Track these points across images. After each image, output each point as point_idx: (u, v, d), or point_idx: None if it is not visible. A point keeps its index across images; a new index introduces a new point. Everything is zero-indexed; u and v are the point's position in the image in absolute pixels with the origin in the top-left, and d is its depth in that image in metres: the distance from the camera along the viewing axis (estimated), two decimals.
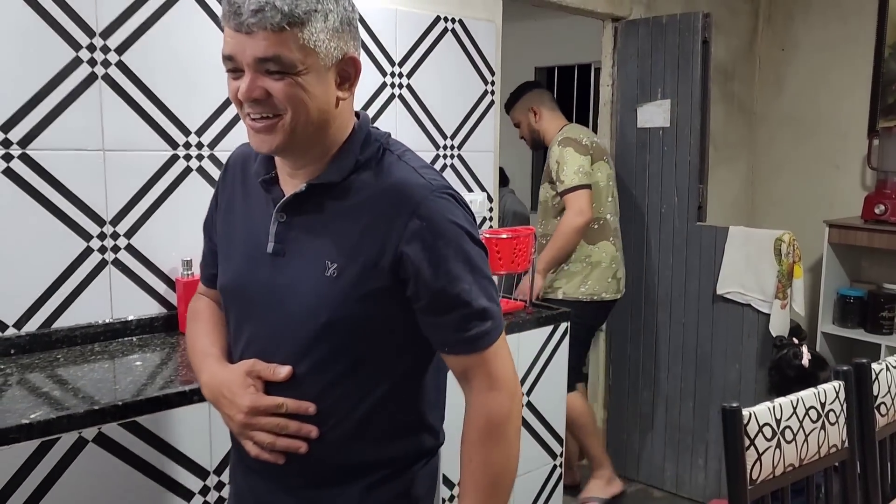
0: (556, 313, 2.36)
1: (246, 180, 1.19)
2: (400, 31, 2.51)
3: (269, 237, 1.10)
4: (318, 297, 1.06)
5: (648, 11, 3.35)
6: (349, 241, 1.06)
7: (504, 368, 1.12)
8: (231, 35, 1.01)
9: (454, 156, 2.73)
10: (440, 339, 1.10)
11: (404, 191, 1.06)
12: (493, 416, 1.09)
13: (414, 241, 1.04)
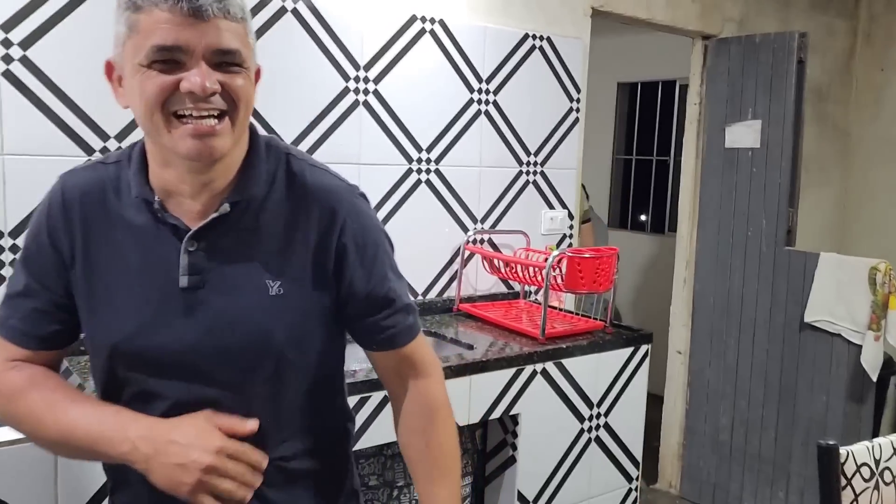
0: (637, 335, 2.33)
1: (102, 216, 0.99)
2: (488, 48, 2.54)
3: (182, 270, 0.96)
4: (269, 318, 0.99)
5: (741, 30, 3.27)
6: (287, 254, 1.01)
7: (430, 354, 1.14)
8: (173, 21, 0.87)
9: (537, 172, 2.73)
10: (370, 339, 1.09)
11: (330, 195, 1.03)
12: (431, 400, 1.11)
13: (347, 244, 1.03)
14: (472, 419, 1.96)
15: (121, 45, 0.92)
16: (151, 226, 0.97)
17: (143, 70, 0.89)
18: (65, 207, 0.99)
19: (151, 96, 0.89)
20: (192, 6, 0.87)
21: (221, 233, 0.98)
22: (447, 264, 2.55)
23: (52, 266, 0.99)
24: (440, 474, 1.08)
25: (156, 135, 0.92)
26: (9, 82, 1.73)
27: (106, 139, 1.87)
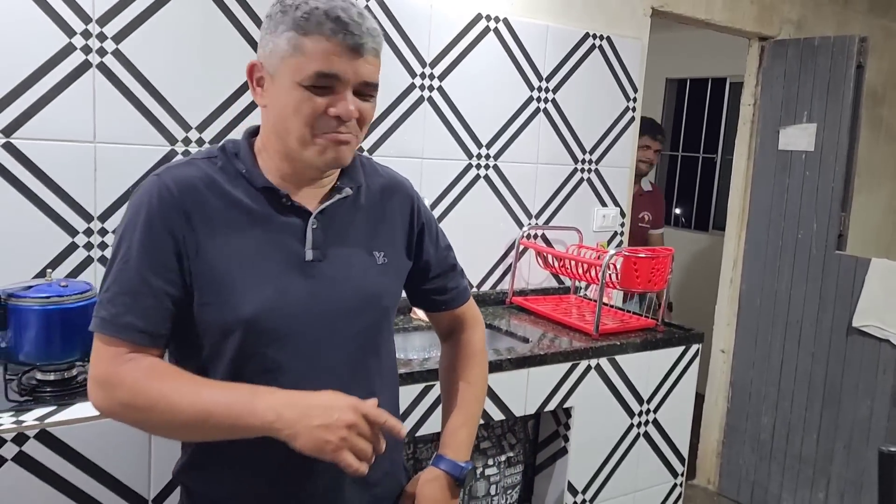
0: (688, 334, 2.37)
1: (219, 205, 1.07)
2: (549, 47, 2.58)
3: (307, 244, 1.10)
4: (377, 284, 1.18)
5: (799, 32, 3.27)
6: (381, 231, 1.21)
7: (476, 311, 1.40)
8: (335, 53, 1.01)
9: (591, 170, 2.78)
10: (434, 301, 1.34)
11: (402, 184, 1.28)
12: (471, 347, 1.35)
13: (422, 218, 1.28)
14: (529, 410, 2.03)
15: (276, 57, 1.04)
16: (270, 210, 1.10)
17: (301, 89, 1.03)
18: (176, 200, 1.04)
19: (306, 115, 1.04)
20: (355, 42, 1.02)
21: (335, 214, 1.15)
22: (501, 258, 2.61)
23: (169, 259, 1.04)
24: (461, 405, 1.30)
25: (297, 144, 1.07)
26: (102, 74, 1.83)
27: (188, 129, 1.96)
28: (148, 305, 1.03)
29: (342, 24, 1.01)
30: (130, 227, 1.05)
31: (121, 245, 1.05)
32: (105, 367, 1.03)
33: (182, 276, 1.05)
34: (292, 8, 1.03)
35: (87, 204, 1.85)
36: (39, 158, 1.78)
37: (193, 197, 1.06)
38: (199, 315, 1.06)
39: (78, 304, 1.49)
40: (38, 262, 1.81)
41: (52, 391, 1.48)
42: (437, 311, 1.36)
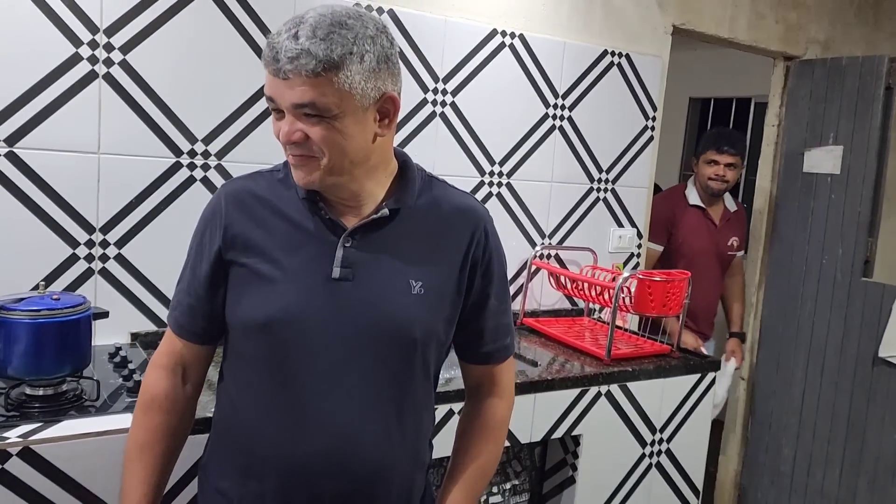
0: (704, 362, 2.29)
1: (266, 213, 1.14)
2: (566, 63, 2.53)
3: (336, 262, 1.10)
4: (408, 314, 1.12)
5: (825, 52, 3.19)
6: (428, 259, 1.15)
7: (512, 379, 1.32)
8: (271, 78, 1.03)
9: (608, 189, 2.71)
10: (472, 350, 1.26)
11: (472, 215, 1.20)
12: (496, 420, 1.27)
13: (480, 253, 1.19)
14: (535, 437, 1.96)
15: None
16: (311, 223, 1.12)
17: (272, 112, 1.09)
18: (223, 211, 1.15)
19: (274, 134, 1.09)
20: (276, 68, 1.01)
21: (374, 234, 1.13)
22: (513, 278, 2.55)
23: (209, 264, 1.15)
24: (465, 478, 1.23)
25: None
26: (108, 85, 1.81)
27: (194, 141, 1.93)
28: (188, 304, 1.18)
29: (272, 52, 1.02)
30: (195, 235, 1.20)
31: (189, 250, 1.21)
32: (154, 357, 1.23)
33: (215, 279, 1.16)
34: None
35: (90, 215, 1.83)
36: (42, 168, 1.76)
37: (240, 207, 1.14)
38: (227, 316, 1.16)
39: (70, 318, 1.45)
40: (39, 273, 1.79)
41: (40, 407, 1.45)
42: (470, 362, 1.29)
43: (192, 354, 1.21)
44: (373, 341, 1.11)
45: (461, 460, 1.26)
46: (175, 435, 1.22)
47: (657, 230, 2.98)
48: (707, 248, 3.06)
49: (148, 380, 1.21)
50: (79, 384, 1.56)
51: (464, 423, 1.30)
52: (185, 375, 1.22)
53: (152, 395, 1.19)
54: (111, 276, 1.88)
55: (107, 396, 1.53)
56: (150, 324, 1.94)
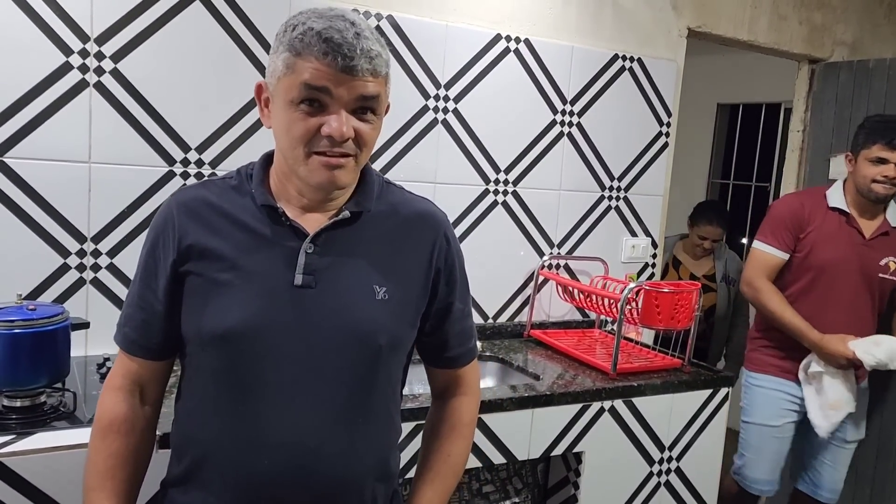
0: (717, 377, 2.19)
1: (219, 221, 1.09)
2: (575, 68, 2.46)
3: (298, 269, 1.07)
4: (372, 320, 1.09)
5: (853, 54, 3.06)
6: (391, 265, 1.13)
7: (477, 376, 1.31)
8: (327, 72, 0.98)
9: (620, 198, 2.63)
10: (437, 355, 1.24)
11: (432, 220, 1.19)
12: (461, 416, 1.26)
13: (442, 260, 1.18)
14: (533, 454, 1.89)
15: (275, 78, 1.03)
16: (269, 229, 1.08)
17: (293, 107, 1.00)
18: (175, 220, 1.09)
19: (297, 136, 1.01)
20: (346, 64, 0.98)
21: (335, 239, 1.10)
22: (520, 288, 2.48)
23: (161, 276, 1.10)
24: (435, 476, 1.22)
25: (293, 162, 1.04)
26: (99, 94, 1.80)
27: (187, 150, 1.91)
28: (141, 319, 1.12)
29: (334, 45, 0.98)
30: (144, 246, 1.14)
31: (138, 263, 1.15)
32: (108, 379, 1.16)
33: (172, 292, 1.10)
34: (290, 28, 1.02)
35: (81, 225, 1.82)
36: (33, 178, 1.76)
37: (194, 216, 1.10)
38: (183, 328, 1.11)
39: (46, 329, 1.44)
40: (30, 282, 1.78)
41: (17, 418, 1.43)
42: (436, 367, 1.27)
43: (149, 372, 1.15)
44: (336, 349, 1.08)
45: (432, 459, 1.24)
46: (137, 459, 1.16)
47: (779, 231, 2.43)
48: (846, 263, 2.38)
49: (104, 404, 1.14)
50: (62, 395, 1.54)
51: (431, 422, 1.28)
52: (142, 395, 1.16)
53: (110, 419, 1.13)
54: (103, 286, 1.86)
55: (88, 408, 1.51)
56: None
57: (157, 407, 1.19)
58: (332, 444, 1.08)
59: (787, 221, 2.42)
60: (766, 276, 2.44)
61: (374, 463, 1.14)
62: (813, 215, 2.42)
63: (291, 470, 1.07)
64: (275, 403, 1.06)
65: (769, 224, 2.46)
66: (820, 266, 2.39)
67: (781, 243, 2.42)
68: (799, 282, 2.44)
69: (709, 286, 3.26)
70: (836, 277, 2.39)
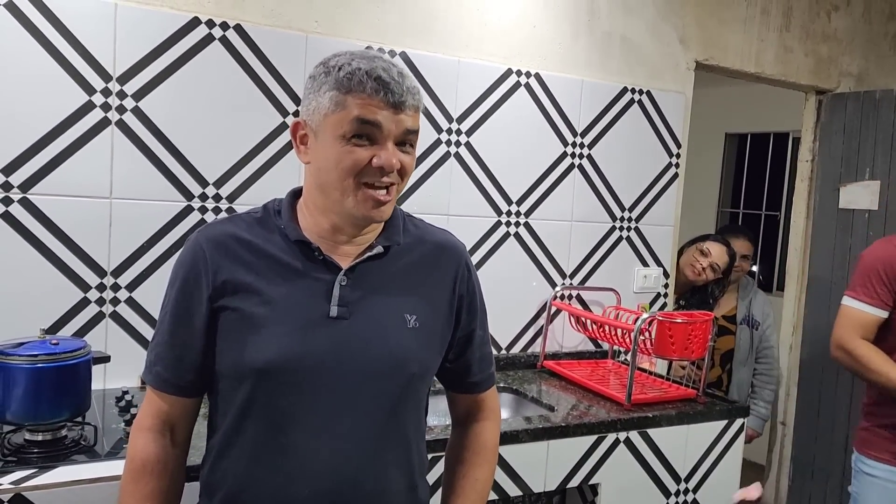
0: (731, 407, 2.19)
1: (246, 258, 1.11)
2: (585, 101, 2.50)
3: (333, 301, 1.10)
4: (405, 349, 1.13)
5: (859, 84, 3.09)
6: (418, 294, 1.17)
7: (497, 401, 1.34)
8: (378, 108, 1.04)
9: (631, 228, 2.65)
10: (459, 380, 1.28)
11: (453, 250, 1.24)
12: (485, 441, 1.29)
13: (465, 288, 1.23)
14: (549, 486, 1.88)
15: (319, 115, 1.07)
16: (302, 264, 1.12)
17: (343, 142, 1.05)
18: (206, 257, 1.11)
19: (348, 167, 1.05)
20: (395, 100, 1.05)
21: (368, 272, 1.14)
22: (533, 319, 2.49)
23: (195, 314, 1.11)
24: (464, 502, 1.24)
25: (339, 196, 1.08)
26: (121, 131, 1.84)
27: (205, 185, 1.95)
28: (174, 357, 1.13)
29: (383, 83, 1.04)
30: (171, 284, 1.15)
31: (164, 301, 1.16)
32: (135, 421, 1.16)
33: (206, 328, 1.12)
34: (335, 69, 1.06)
35: (101, 259, 1.85)
36: (55, 214, 1.79)
37: (224, 252, 1.12)
38: (218, 363, 1.12)
39: (68, 363, 1.46)
40: (51, 317, 1.81)
41: (38, 452, 1.44)
42: (458, 392, 1.30)
43: (180, 410, 1.16)
44: (370, 378, 1.11)
45: (459, 484, 1.26)
46: (170, 499, 1.16)
47: (870, 284, 2.07)
48: None
49: (136, 445, 1.14)
50: (82, 429, 1.55)
51: (455, 449, 1.30)
52: (172, 435, 1.16)
53: (143, 460, 1.13)
54: (122, 320, 1.89)
55: (107, 441, 1.52)
56: None
57: (187, 447, 1.20)
58: (366, 472, 1.11)
59: (881, 271, 2.05)
60: (859, 336, 2.07)
61: (404, 489, 1.17)
62: None
63: (330, 498, 1.09)
64: (312, 433, 1.09)
65: (859, 276, 2.09)
66: None
67: (875, 298, 2.05)
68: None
69: (727, 328, 3.04)
70: None
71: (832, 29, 3.04)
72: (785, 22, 2.90)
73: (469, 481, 1.25)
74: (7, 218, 1.74)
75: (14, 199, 1.75)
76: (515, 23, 2.36)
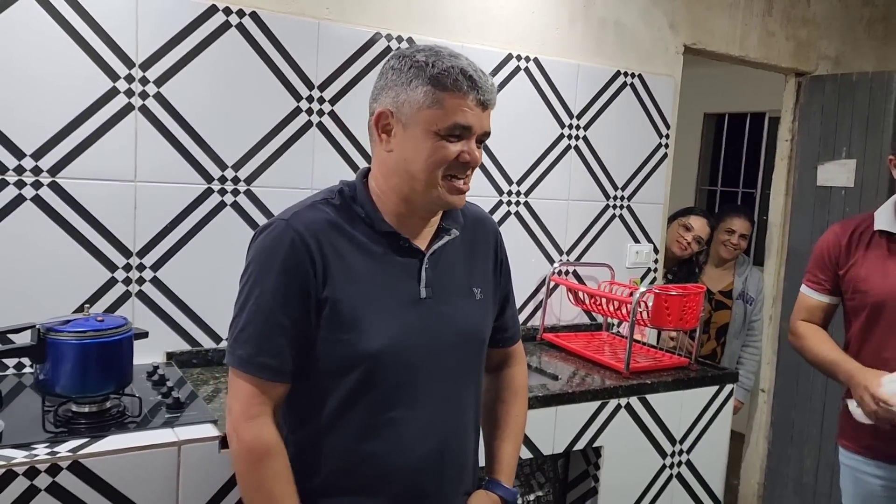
0: (721, 374, 2.33)
1: (340, 247, 1.18)
2: (580, 85, 2.60)
3: (421, 283, 1.22)
4: (477, 319, 1.30)
5: (836, 67, 3.24)
6: (476, 267, 1.32)
7: (523, 349, 1.50)
8: (469, 108, 1.16)
9: (623, 206, 2.77)
10: (502, 336, 1.42)
11: (489, 223, 1.39)
12: (519, 382, 1.46)
13: (502, 253, 1.39)
14: (557, 449, 2.01)
15: (412, 108, 1.16)
16: (388, 251, 1.22)
17: (436, 137, 1.16)
18: (307, 244, 1.16)
19: (441, 159, 1.16)
20: (485, 99, 1.17)
21: (441, 253, 1.26)
22: (532, 294, 2.61)
23: (301, 301, 1.15)
24: (510, 434, 1.40)
25: (424, 185, 1.18)
26: (144, 116, 1.91)
27: (224, 168, 2.02)
28: (280, 345, 1.16)
29: (474, 83, 1.15)
30: (264, 271, 1.16)
31: (254, 288, 1.16)
32: (237, 413, 1.17)
33: (311, 316, 1.16)
34: (427, 65, 1.15)
35: (127, 240, 1.92)
36: (82, 197, 1.85)
37: (323, 239, 1.17)
38: (324, 351, 1.17)
39: (114, 339, 1.53)
40: (80, 296, 1.88)
41: (86, 423, 1.52)
42: (495, 347, 1.43)
43: (282, 396, 1.20)
44: (455, 349, 1.25)
45: (503, 420, 1.41)
46: (290, 477, 1.19)
47: (814, 270, 2.09)
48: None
49: (251, 433, 1.16)
50: (121, 401, 1.63)
51: (494, 392, 1.44)
52: (275, 418, 1.20)
53: (266, 445, 1.16)
54: (147, 298, 1.96)
55: (147, 412, 1.61)
56: (184, 343, 2.02)
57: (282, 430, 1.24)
58: (457, 431, 1.27)
59: (823, 258, 2.05)
60: (803, 320, 2.12)
61: (475, 445, 1.35)
62: (854, 245, 1.99)
63: (432, 460, 1.23)
64: (413, 404, 1.21)
65: (810, 262, 2.11)
66: (874, 304, 1.91)
67: (816, 283, 2.07)
68: (853, 326, 2.00)
69: (723, 303, 3.20)
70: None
71: (811, 13, 3.17)
72: (767, 7, 3.02)
73: (511, 417, 1.41)
74: (38, 201, 1.80)
75: (44, 183, 1.80)
76: (515, 9, 2.45)
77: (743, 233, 3.16)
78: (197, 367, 2.00)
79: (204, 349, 2.03)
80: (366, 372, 1.18)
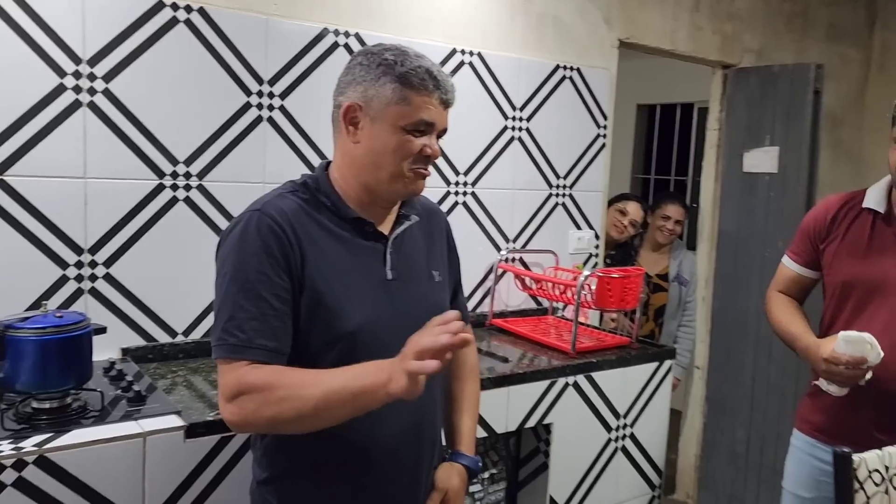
0: (660, 350, 2.47)
1: (312, 232, 1.24)
2: (522, 78, 2.70)
3: (387, 266, 1.31)
4: (439, 300, 1.38)
5: (759, 60, 3.42)
6: (433, 252, 1.41)
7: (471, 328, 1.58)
8: (434, 105, 1.25)
9: (565, 195, 2.88)
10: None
11: (438, 211, 1.52)
12: (472, 361, 1.55)
13: (452, 243, 1.50)
14: (510, 427, 2.10)
15: (380, 103, 1.23)
16: (354, 236, 1.30)
17: (402, 132, 1.24)
18: (284, 230, 1.22)
19: (407, 152, 1.25)
20: (448, 98, 1.28)
21: (402, 238, 1.35)
22: (481, 281, 2.69)
23: (286, 284, 1.21)
24: (468, 408, 1.49)
25: (389, 175, 1.26)
26: (93, 112, 1.90)
27: (175, 164, 2.03)
28: (276, 326, 1.20)
29: (438, 83, 1.25)
30: (245, 259, 1.20)
31: (237, 276, 1.20)
32: (234, 383, 1.16)
33: (295, 298, 1.22)
34: (396, 64, 1.23)
35: (78, 237, 1.91)
36: (32, 195, 1.84)
37: (297, 224, 1.24)
38: (306, 331, 1.23)
39: (73, 334, 1.54)
40: (31, 294, 1.86)
41: (48, 419, 1.53)
42: None
43: None
44: (419, 327, 1.25)
45: (461, 395, 1.50)
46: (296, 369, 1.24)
47: (797, 240, 2.03)
48: (883, 275, 1.80)
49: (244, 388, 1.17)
50: (81, 396, 1.64)
51: (449, 370, 1.51)
52: None
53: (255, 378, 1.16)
54: (100, 295, 1.96)
55: (108, 406, 1.62)
56: (139, 339, 2.02)
57: None
58: (427, 409, 1.35)
59: (807, 230, 1.98)
60: (776, 289, 2.09)
61: (441, 414, 1.44)
62: (840, 220, 1.90)
63: (410, 434, 1.32)
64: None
65: (796, 234, 2.04)
66: (844, 282, 1.86)
67: (796, 255, 2.01)
68: (827, 303, 1.94)
69: (660, 285, 3.39)
70: (874, 293, 1.81)
71: (735, 8, 3.35)
72: (695, 3, 3.18)
73: (468, 393, 1.51)
74: None
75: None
76: (458, 5, 2.52)
77: (678, 218, 3.34)
78: (153, 363, 2.01)
79: (160, 344, 2.04)
80: (344, 350, 1.23)
